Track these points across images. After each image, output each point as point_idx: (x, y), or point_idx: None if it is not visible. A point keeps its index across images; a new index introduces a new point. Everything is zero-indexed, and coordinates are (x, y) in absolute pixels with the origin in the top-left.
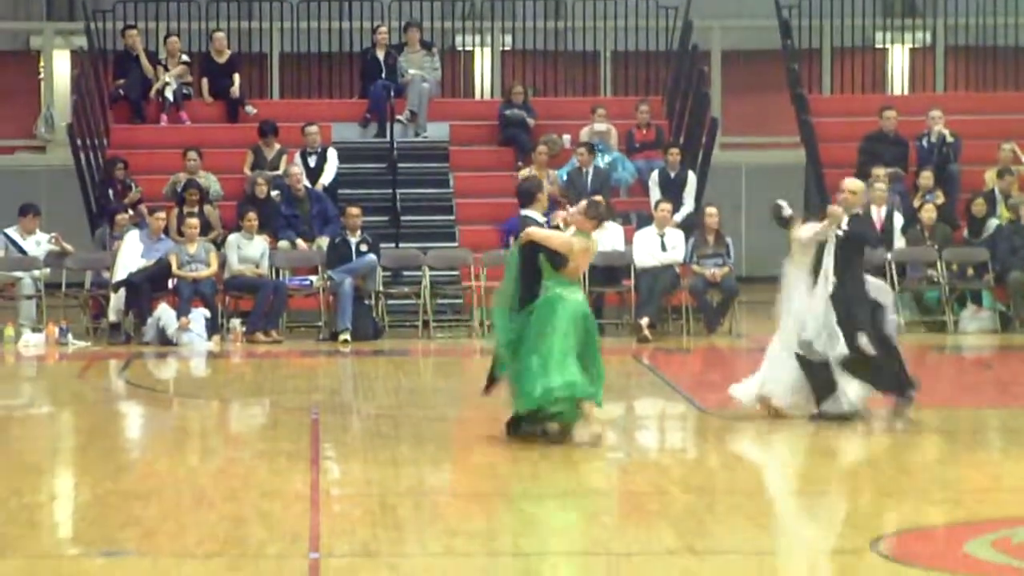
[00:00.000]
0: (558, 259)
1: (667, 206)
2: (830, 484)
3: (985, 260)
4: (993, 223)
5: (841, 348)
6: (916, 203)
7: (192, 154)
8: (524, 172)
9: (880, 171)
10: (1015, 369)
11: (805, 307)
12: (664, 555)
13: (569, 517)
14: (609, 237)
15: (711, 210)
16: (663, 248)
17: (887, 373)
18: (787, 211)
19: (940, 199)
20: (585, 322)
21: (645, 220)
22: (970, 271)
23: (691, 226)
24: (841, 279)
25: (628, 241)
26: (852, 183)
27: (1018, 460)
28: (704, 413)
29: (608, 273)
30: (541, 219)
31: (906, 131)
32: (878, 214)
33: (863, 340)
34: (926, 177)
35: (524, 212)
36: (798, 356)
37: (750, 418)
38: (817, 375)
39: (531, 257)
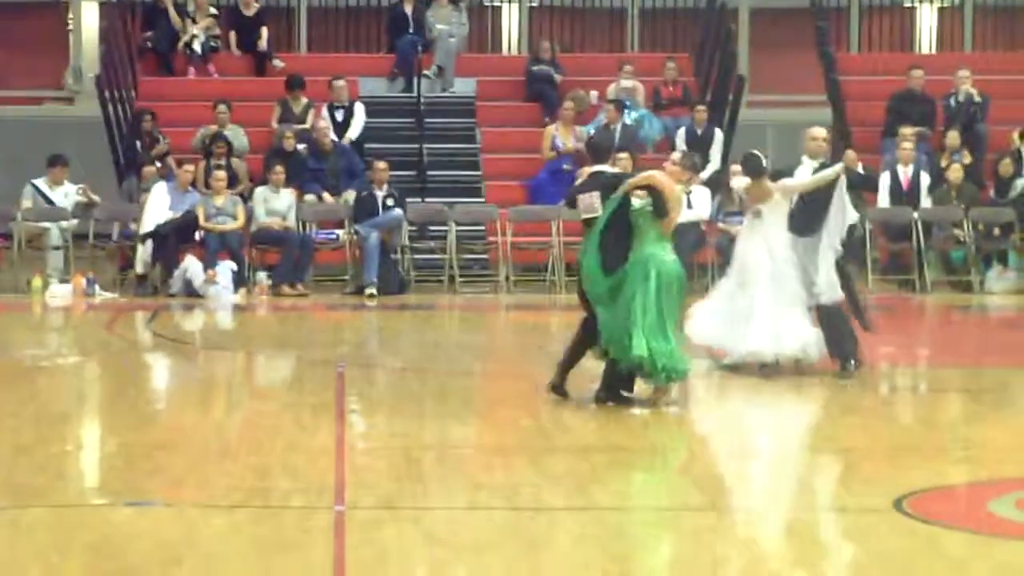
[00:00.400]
0: (663, 210)
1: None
2: (852, 443)
3: (1011, 220)
4: (1020, 183)
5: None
6: (943, 163)
7: (222, 107)
8: (550, 128)
9: (908, 130)
10: None
11: (789, 255)
12: (686, 512)
13: (591, 472)
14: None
15: (736, 168)
16: (688, 206)
17: (841, 338)
18: (764, 161)
19: (967, 159)
20: (680, 283)
21: None
22: (996, 231)
23: (717, 184)
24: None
25: None
26: (818, 130)
27: None
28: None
29: None
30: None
31: (934, 90)
32: (905, 173)
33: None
34: (953, 137)
35: (597, 167)
36: (820, 308)
37: (774, 376)
38: (839, 325)
39: (623, 213)
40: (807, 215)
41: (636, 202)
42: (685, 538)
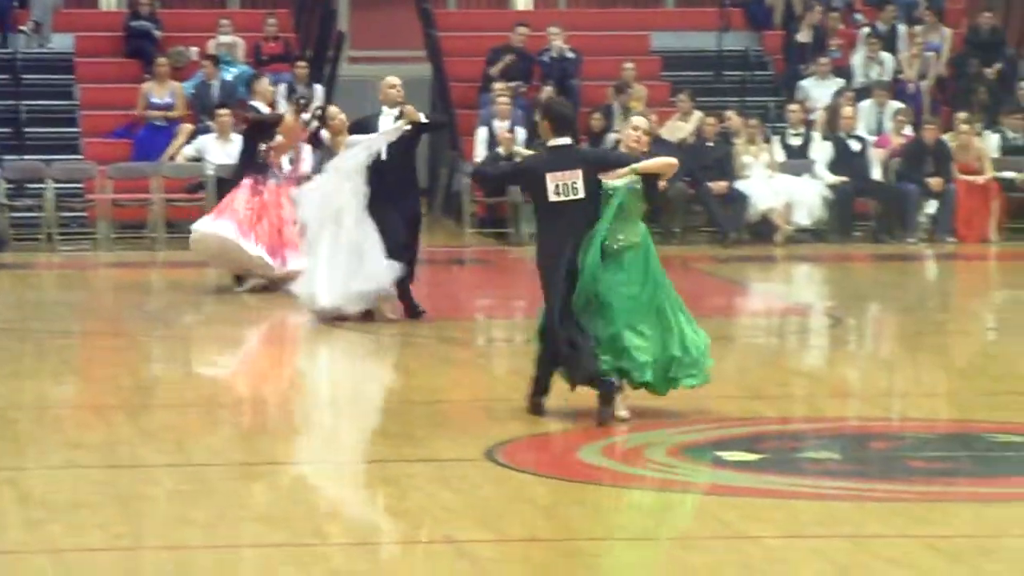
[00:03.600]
0: (656, 195)
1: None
2: (446, 394)
3: None
4: (611, 137)
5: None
6: (537, 117)
7: None
8: (147, 85)
9: (502, 85)
10: None
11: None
12: (275, 465)
13: (193, 429)
14: (236, 149)
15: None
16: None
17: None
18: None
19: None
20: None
21: None
22: None
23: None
24: None
25: None
26: (393, 79)
27: None
28: (331, 323)
29: (234, 186)
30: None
31: (530, 47)
32: (501, 128)
33: None
34: (547, 91)
35: (561, 141)
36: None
37: (372, 330)
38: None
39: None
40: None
41: (617, 181)
42: (279, 492)
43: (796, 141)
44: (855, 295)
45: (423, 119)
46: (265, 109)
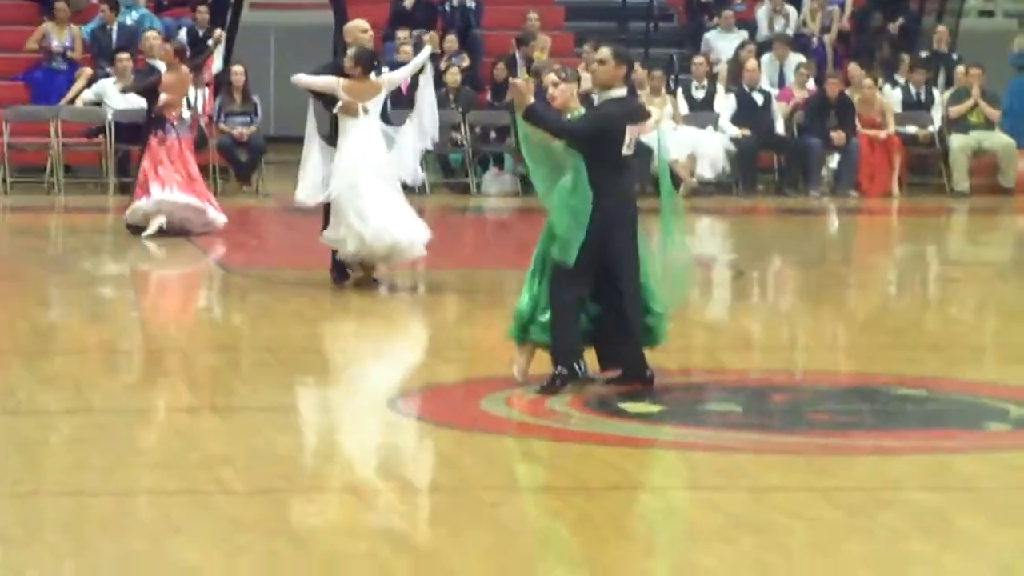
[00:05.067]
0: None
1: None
2: (348, 343)
3: (507, 124)
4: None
5: None
6: (442, 66)
7: None
8: (44, 27)
9: (405, 34)
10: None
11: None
12: (183, 412)
13: (90, 374)
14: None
15: (238, 68)
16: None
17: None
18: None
19: (465, 62)
20: None
21: None
22: (493, 134)
23: (219, 84)
24: None
25: None
26: (362, 22)
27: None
28: (228, 271)
29: (134, 131)
30: None
31: None
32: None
33: None
34: (451, 41)
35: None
36: None
37: (277, 279)
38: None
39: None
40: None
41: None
42: (179, 437)
43: (700, 94)
44: (758, 248)
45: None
46: (161, 65)
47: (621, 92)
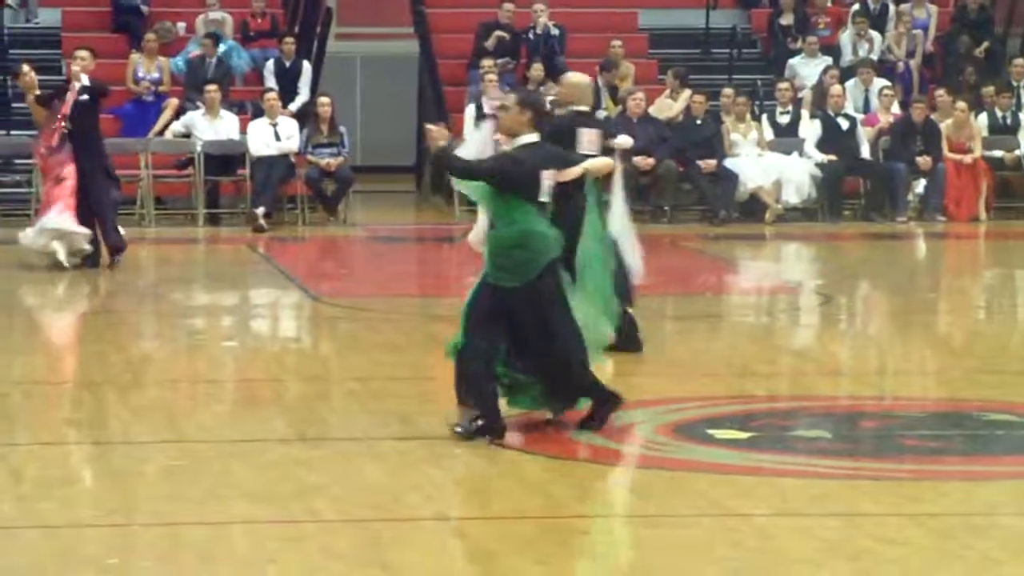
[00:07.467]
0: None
1: (273, 95)
2: (441, 372)
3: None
4: (601, 114)
5: None
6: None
7: None
8: (133, 58)
9: (490, 62)
10: None
11: None
12: (276, 443)
13: (184, 405)
14: (224, 126)
15: (324, 100)
16: (277, 138)
17: None
18: None
19: (553, 91)
20: None
21: (260, 110)
22: None
23: (306, 116)
24: None
25: (243, 131)
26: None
27: None
28: (317, 301)
29: (223, 162)
30: None
31: (519, 23)
32: (489, 105)
33: None
34: (536, 69)
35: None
36: None
37: (366, 308)
38: None
39: None
40: None
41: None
42: (272, 468)
43: (785, 119)
44: (844, 274)
45: None
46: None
47: (531, 138)
